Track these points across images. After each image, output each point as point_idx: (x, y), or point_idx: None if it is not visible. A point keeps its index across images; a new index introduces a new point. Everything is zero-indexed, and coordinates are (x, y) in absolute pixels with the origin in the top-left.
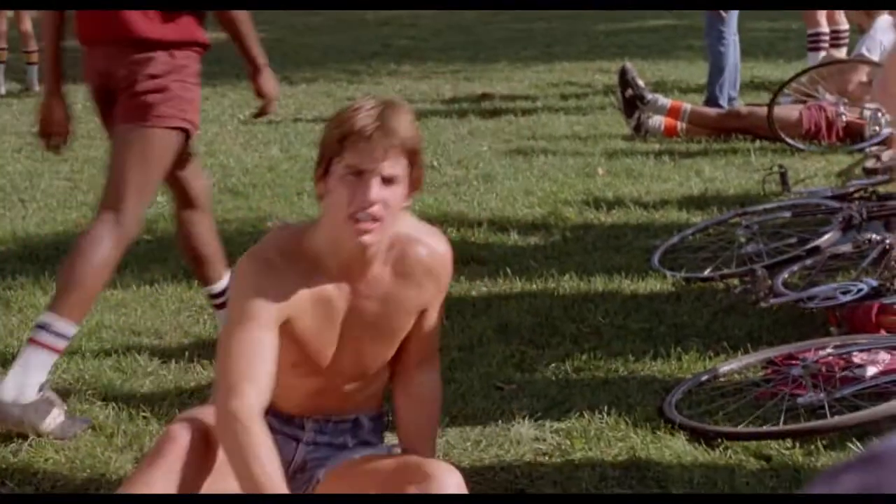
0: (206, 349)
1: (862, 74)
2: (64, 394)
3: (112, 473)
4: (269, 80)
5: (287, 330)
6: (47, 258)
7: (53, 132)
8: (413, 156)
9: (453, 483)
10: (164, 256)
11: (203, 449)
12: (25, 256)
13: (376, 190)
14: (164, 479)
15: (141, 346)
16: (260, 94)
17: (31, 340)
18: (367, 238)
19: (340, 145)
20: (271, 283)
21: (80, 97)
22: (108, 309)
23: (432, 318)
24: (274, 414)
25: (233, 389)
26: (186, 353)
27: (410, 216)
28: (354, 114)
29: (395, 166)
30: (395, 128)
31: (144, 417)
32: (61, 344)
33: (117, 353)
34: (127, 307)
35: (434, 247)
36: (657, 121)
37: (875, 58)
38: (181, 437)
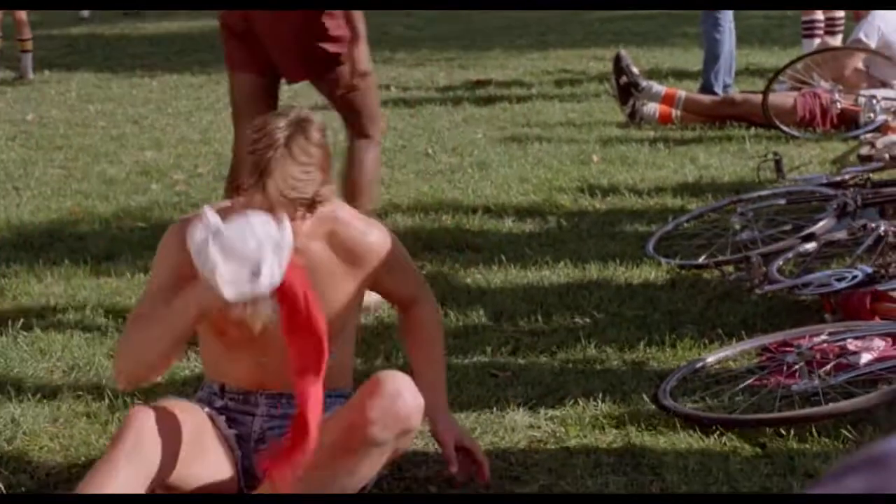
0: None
1: (857, 61)
2: (57, 382)
3: None
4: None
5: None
6: (41, 246)
7: None
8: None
9: (403, 382)
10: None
11: (164, 429)
12: (20, 244)
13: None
14: (126, 465)
15: None
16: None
17: None
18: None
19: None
20: (179, 246)
21: (73, 85)
22: (103, 297)
23: (392, 282)
24: (229, 395)
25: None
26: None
27: (347, 206)
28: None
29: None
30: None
31: (139, 405)
32: None
33: (112, 340)
34: (121, 295)
35: (370, 231)
36: (652, 108)
37: (872, 44)
38: (141, 423)
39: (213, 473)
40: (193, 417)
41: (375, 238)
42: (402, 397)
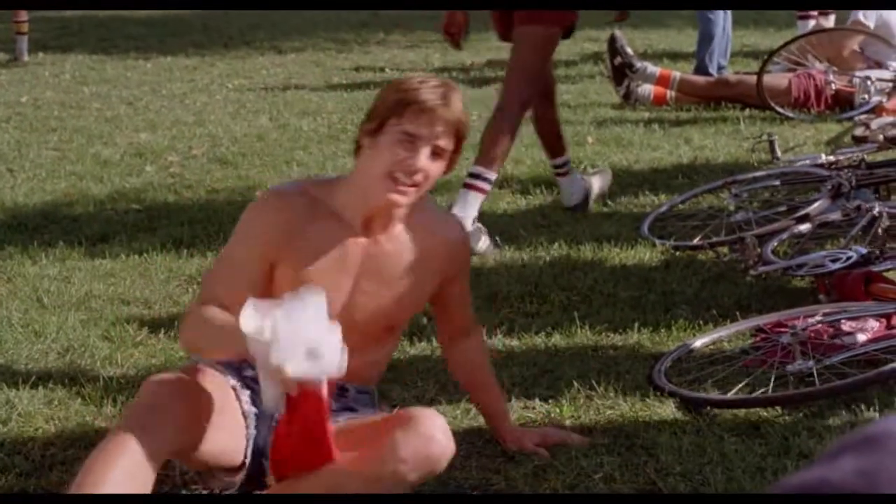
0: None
1: (856, 42)
2: (52, 364)
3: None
4: None
5: (285, 271)
6: (35, 228)
7: (454, 31)
8: (460, 139)
9: (437, 424)
10: (154, 226)
11: (177, 402)
12: (14, 226)
13: (424, 159)
14: (135, 439)
15: (130, 316)
16: None
17: (466, 185)
18: (398, 198)
19: (402, 109)
20: (277, 218)
21: (67, 67)
22: (97, 279)
23: (457, 294)
24: None
25: (201, 301)
26: (176, 323)
27: (435, 201)
28: (421, 85)
29: (446, 144)
30: (455, 108)
31: (134, 387)
32: (487, 187)
33: (106, 322)
34: (116, 277)
35: (455, 228)
36: (646, 89)
37: (871, 25)
38: (152, 398)
39: (221, 450)
40: (215, 390)
41: (458, 234)
42: (435, 441)
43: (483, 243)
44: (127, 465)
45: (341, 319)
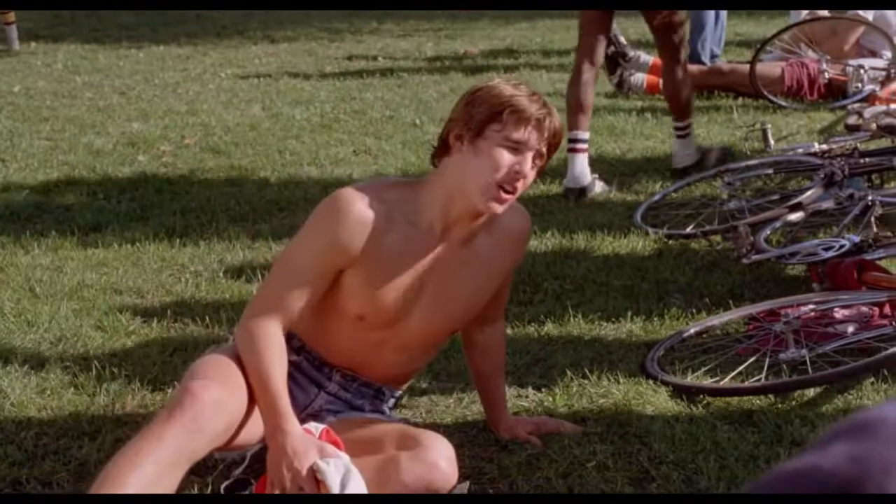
0: (187, 308)
1: (855, 35)
2: (45, 353)
3: (94, 432)
4: None
5: (361, 277)
6: (28, 217)
7: None
8: (554, 150)
9: (443, 453)
10: (146, 216)
11: (217, 416)
12: (6, 215)
13: (529, 166)
14: (177, 437)
15: (123, 305)
16: None
17: (571, 150)
18: (497, 206)
19: (508, 116)
20: (353, 223)
21: (60, 56)
22: (90, 268)
23: (505, 285)
24: (308, 357)
25: (258, 312)
26: (168, 312)
27: None
28: (519, 93)
29: (543, 156)
30: (556, 118)
31: (127, 376)
32: (586, 146)
33: (99, 312)
34: (108, 266)
35: (521, 216)
36: (639, 78)
37: (869, 16)
38: (202, 396)
39: (241, 441)
40: (243, 380)
41: (525, 221)
42: (440, 470)
43: (599, 187)
44: (163, 464)
45: (405, 325)
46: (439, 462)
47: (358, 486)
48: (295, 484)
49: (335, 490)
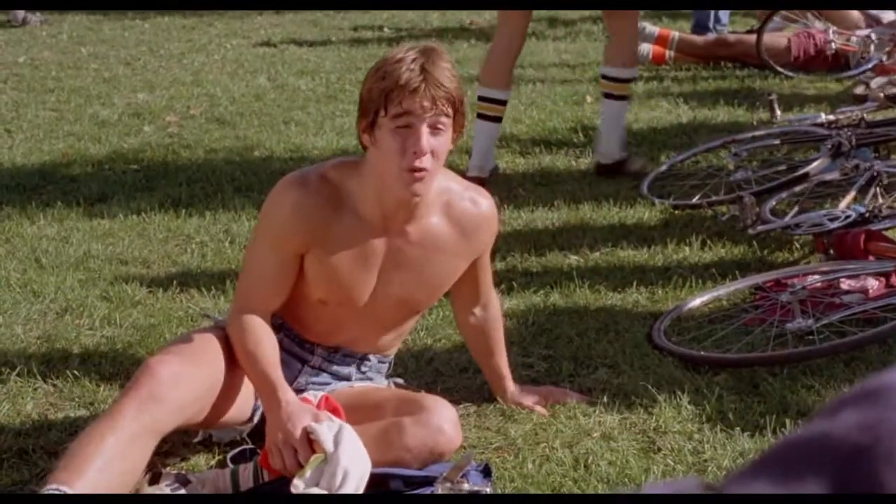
0: (193, 278)
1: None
2: (51, 324)
3: (100, 402)
4: None
5: (316, 264)
6: (34, 188)
7: None
8: (457, 103)
9: (447, 416)
10: (152, 186)
11: (176, 389)
12: (12, 186)
13: (426, 140)
14: (133, 410)
15: (128, 276)
16: None
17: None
18: (417, 187)
19: (386, 99)
20: (299, 214)
21: (65, 27)
22: (96, 238)
23: (483, 267)
24: (287, 333)
25: (239, 308)
26: (174, 282)
27: (453, 173)
28: (397, 66)
29: (442, 116)
30: (439, 78)
31: (132, 346)
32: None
33: (105, 282)
34: (114, 237)
35: (482, 202)
36: (645, 48)
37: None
38: (158, 370)
39: (226, 417)
40: (226, 355)
41: (487, 209)
42: (444, 433)
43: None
44: (124, 436)
45: (368, 309)
46: (443, 426)
47: (351, 440)
48: (289, 446)
49: (329, 446)
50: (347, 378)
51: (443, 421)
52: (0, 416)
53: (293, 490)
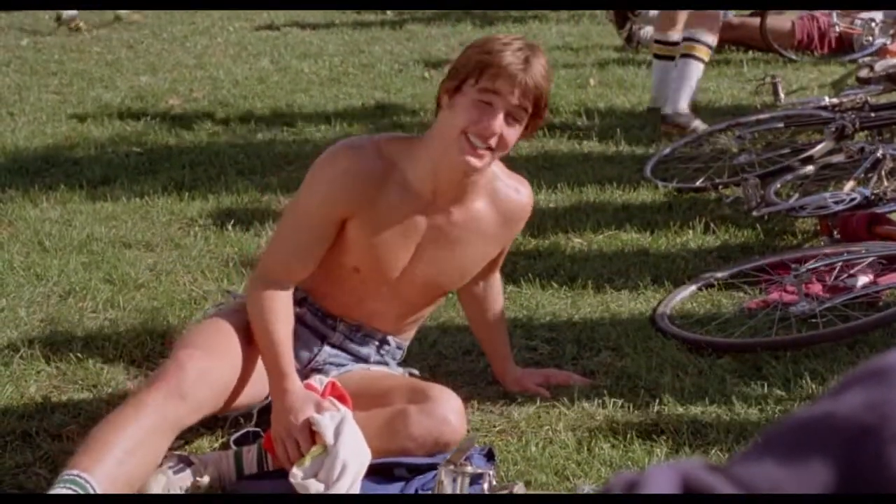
0: (196, 261)
1: None
2: (54, 307)
3: (103, 385)
4: None
5: (354, 228)
6: (37, 171)
7: None
8: (539, 103)
9: (452, 407)
10: (155, 169)
11: (201, 386)
12: (15, 170)
13: (500, 121)
14: (159, 403)
15: (132, 259)
16: None
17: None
18: (472, 160)
19: (482, 71)
20: (350, 177)
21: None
22: (99, 221)
23: (504, 251)
24: (311, 308)
25: (267, 271)
26: (177, 265)
27: (500, 162)
28: (504, 48)
29: (524, 109)
30: (535, 73)
31: (135, 329)
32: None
33: (108, 265)
34: (117, 219)
35: (524, 191)
36: (648, 31)
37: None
38: (187, 365)
39: (241, 404)
40: (242, 338)
41: (527, 198)
42: (448, 424)
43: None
44: (146, 427)
45: (400, 283)
46: (448, 416)
47: (352, 432)
48: (291, 437)
49: (329, 439)
50: (366, 359)
51: (448, 411)
52: (3, 398)
53: (291, 479)
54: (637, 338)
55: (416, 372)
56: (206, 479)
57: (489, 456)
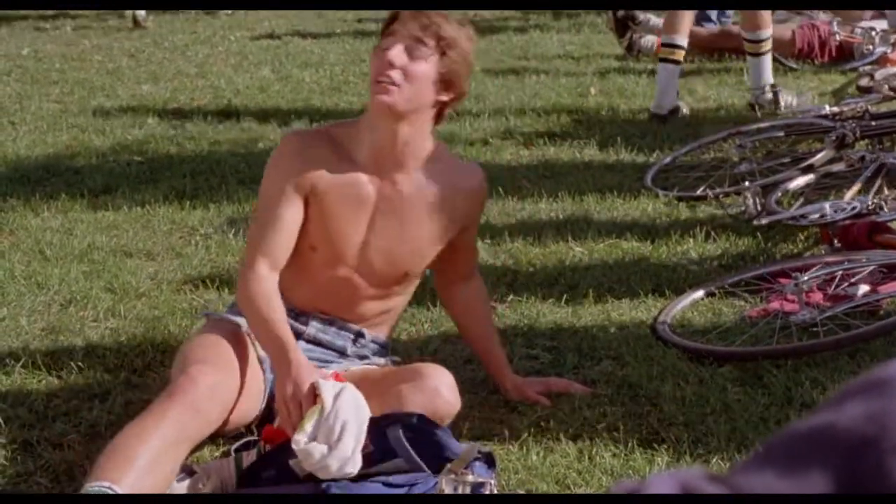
0: (197, 270)
1: None
2: (55, 315)
3: (104, 394)
4: None
5: (312, 207)
6: (38, 180)
7: None
8: (443, 44)
9: (444, 381)
10: (156, 178)
11: (212, 401)
12: (16, 179)
13: (396, 53)
14: (179, 415)
15: (133, 268)
16: None
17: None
18: (382, 97)
19: (385, 29)
20: (302, 156)
21: (69, 19)
22: (100, 230)
23: (468, 240)
24: (285, 305)
25: (250, 261)
26: (178, 275)
27: (450, 152)
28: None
29: (420, 42)
30: (430, 14)
31: (136, 338)
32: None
33: (109, 274)
34: (119, 228)
35: (473, 169)
36: (649, 40)
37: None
38: (200, 381)
39: (242, 417)
40: (239, 351)
41: (477, 179)
42: (441, 396)
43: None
44: (169, 439)
45: (357, 262)
46: (441, 388)
47: (352, 394)
48: (296, 400)
49: (328, 398)
50: (342, 351)
51: (440, 384)
52: (5, 407)
53: (294, 445)
54: (638, 346)
55: (398, 360)
56: (207, 488)
57: (490, 464)
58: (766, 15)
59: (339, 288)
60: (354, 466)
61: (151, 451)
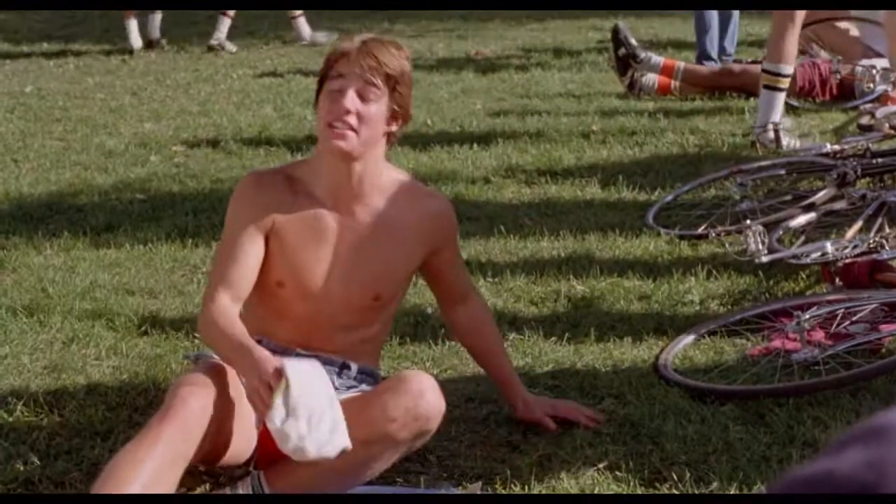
0: (199, 308)
1: (848, 28)
2: (57, 353)
3: (106, 432)
4: None
5: (273, 244)
6: (40, 218)
7: None
8: (392, 82)
9: (426, 383)
10: (158, 216)
11: (203, 421)
12: (19, 216)
13: (350, 99)
14: (172, 437)
15: (135, 306)
16: None
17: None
18: (337, 143)
19: (328, 67)
20: (261, 195)
21: (71, 57)
22: (102, 268)
23: (447, 262)
24: (266, 345)
25: (210, 293)
26: (180, 313)
27: (410, 176)
28: (344, 39)
29: (371, 85)
30: (374, 50)
31: (138, 376)
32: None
33: (111, 312)
34: (121, 266)
35: (438, 197)
36: (651, 79)
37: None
38: (190, 402)
39: (235, 452)
40: (231, 387)
41: (439, 203)
42: (425, 398)
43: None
44: (164, 461)
45: (325, 291)
46: (422, 389)
47: (316, 370)
48: (265, 384)
49: (292, 374)
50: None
51: (423, 387)
52: (6, 446)
53: (269, 425)
54: (640, 385)
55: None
56: None
57: None
58: (792, 52)
59: (313, 320)
60: (335, 448)
61: (146, 475)
